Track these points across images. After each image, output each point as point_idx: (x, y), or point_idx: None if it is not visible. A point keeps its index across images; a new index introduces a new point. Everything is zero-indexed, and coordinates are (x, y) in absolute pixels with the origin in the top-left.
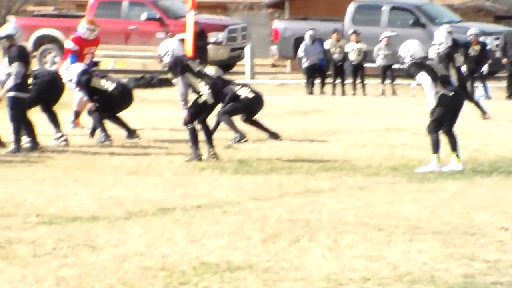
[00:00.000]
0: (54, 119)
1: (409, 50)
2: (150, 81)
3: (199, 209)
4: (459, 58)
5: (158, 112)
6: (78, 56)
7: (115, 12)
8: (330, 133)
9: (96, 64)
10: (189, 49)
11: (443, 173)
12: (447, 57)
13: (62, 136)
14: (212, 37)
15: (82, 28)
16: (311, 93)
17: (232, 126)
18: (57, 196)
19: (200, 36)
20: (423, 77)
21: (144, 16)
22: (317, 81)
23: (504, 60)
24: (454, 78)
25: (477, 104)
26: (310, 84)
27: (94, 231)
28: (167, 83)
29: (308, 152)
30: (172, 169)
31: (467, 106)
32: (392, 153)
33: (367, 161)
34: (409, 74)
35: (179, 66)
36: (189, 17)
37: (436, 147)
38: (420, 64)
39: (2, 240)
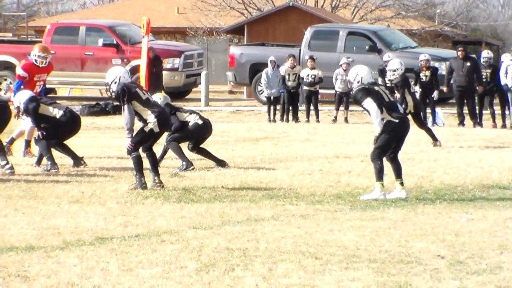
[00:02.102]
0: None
1: (357, 75)
2: (105, 108)
3: (137, 238)
4: (413, 84)
5: (110, 139)
6: (27, 83)
7: (72, 38)
8: (279, 160)
9: (50, 91)
10: (142, 75)
11: (387, 200)
12: (403, 84)
13: (7, 164)
14: (167, 63)
15: (34, 54)
16: (273, 121)
17: (180, 154)
18: None
19: (155, 62)
20: (369, 103)
21: (100, 42)
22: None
23: (445, 89)
24: (410, 104)
25: (428, 131)
26: (271, 112)
27: (28, 261)
28: (121, 110)
29: (254, 179)
30: (116, 198)
31: (418, 132)
32: (338, 180)
33: (312, 189)
34: (356, 100)
35: (126, 93)
36: (143, 43)
37: (379, 175)
38: (367, 90)
39: None
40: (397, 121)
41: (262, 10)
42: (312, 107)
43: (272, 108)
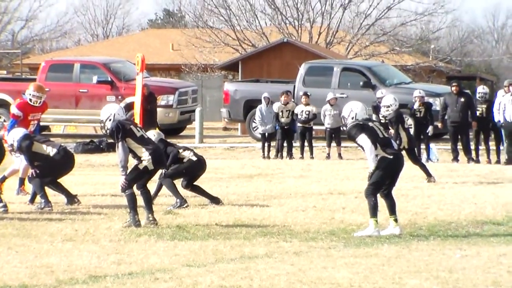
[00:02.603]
0: None
1: (352, 111)
2: (99, 145)
3: (130, 276)
4: (407, 120)
5: (104, 177)
6: (21, 122)
7: (66, 75)
8: (273, 197)
9: (44, 128)
10: (137, 112)
11: (381, 237)
12: (397, 120)
13: (0, 202)
14: (162, 100)
15: (29, 93)
16: (267, 157)
17: (174, 191)
18: None
19: (150, 99)
20: (363, 139)
21: (95, 79)
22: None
23: (439, 125)
24: (404, 140)
25: (423, 167)
26: (266, 149)
27: None
28: (115, 147)
29: (248, 216)
30: (109, 236)
31: (412, 168)
32: (332, 217)
33: (306, 226)
34: (350, 136)
35: (121, 131)
36: (138, 80)
37: (374, 211)
38: (362, 126)
39: None
40: (391, 157)
41: (256, 46)
42: (306, 143)
43: (266, 144)
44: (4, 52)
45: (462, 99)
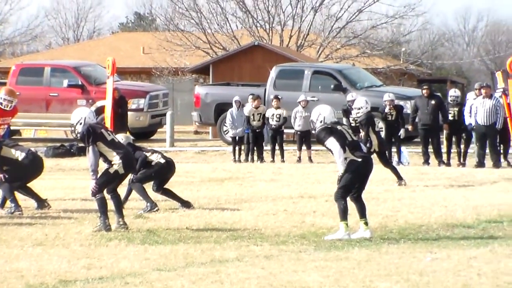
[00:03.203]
0: None
1: (320, 114)
2: (69, 149)
3: (100, 281)
4: (378, 123)
5: (74, 181)
6: None
7: (37, 78)
8: (243, 201)
9: (14, 133)
10: (108, 116)
11: (351, 240)
12: (368, 122)
13: None
14: (132, 103)
15: (0, 98)
16: (238, 161)
17: (144, 195)
18: None
19: (120, 102)
20: (331, 143)
21: (65, 82)
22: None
23: (410, 127)
24: (374, 143)
25: (393, 170)
26: (236, 152)
27: None
28: (86, 151)
29: (219, 220)
30: (79, 240)
31: (383, 171)
32: (302, 220)
33: (276, 229)
34: (319, 139)
35: (91, 135)
36: (108, 83)
37: (343, 214)
38: (330, 130)
39: None
40: (360, 160)
41: (227, 50)
42: (277, 147)
43: (237, 148)
44: None
45: (433, 102)
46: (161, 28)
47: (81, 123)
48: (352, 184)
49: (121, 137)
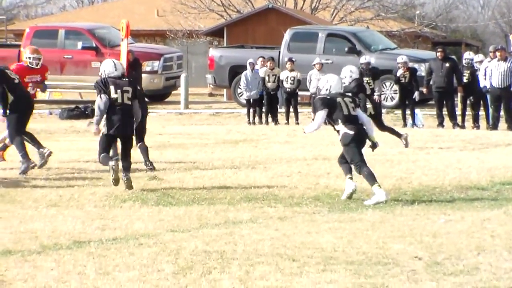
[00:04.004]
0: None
1: (327, 82)
2: (84, 111)
3: (114, 242)
4: (370, 86)
5: (89, 143)
6: None
7: (51, 41)
8: (258, 163)
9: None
10: None
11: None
12: (359, 90)
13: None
14: (147, 66)
15: (28, 57)
16: (253, 123)
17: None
18: None
19: (135, 65)
20: (318, 115)
21: (80, 45)
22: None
23: (424, 90)
24: (369, 107)
25: (391, 130)
26: (251, 114)
27: (5, 265)
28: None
29: (233, 182)
30: (94, 201)
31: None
32: (316, 182)
33: (290, 191)
34: (314, 106)
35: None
36: (123, 46)
37: (372, 178)
38: (327, 102)
39: None
40: (352, 132)
41: (241, 12)
42: (291, 109)
43: (251, 110)
44: None
45: (447, 65)
46: None
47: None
48: (358, 152)
49: None
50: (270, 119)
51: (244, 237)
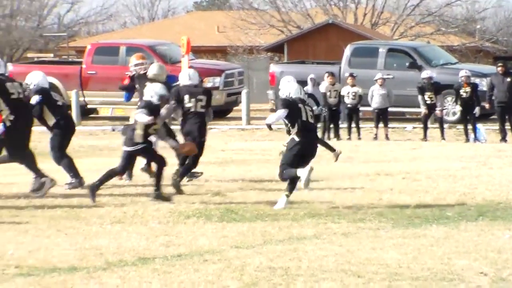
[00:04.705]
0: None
1: (287, 90)
2: None
3: (179, 258)
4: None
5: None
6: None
7: (112, 57)
8: (320, 178)
9: (91, 111)
10: None
11: (429, 217)
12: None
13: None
14: (208, 82)
15: (133, 64)
16: None
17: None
18: (38, 247)
19: None
20: (278, 111)
21: None
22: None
23: (487, 106)
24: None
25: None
26: None
27: (71, 282)
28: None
29: (296, 198)
30: (158, 218)
31: (460, 149)
32: (379, 198)
33: (353, 207)
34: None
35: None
36: (184, 62)
37: (288, 187)
38: (289, 103)
39: None
40: (298, 140)
41: (301, 28)
42: (353, 124)
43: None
44: (51, 36)
45: (509, 79)
46: (235, 6)
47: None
48: (292, 163)
49: None
50: (332, 135)
51: (308, 253)
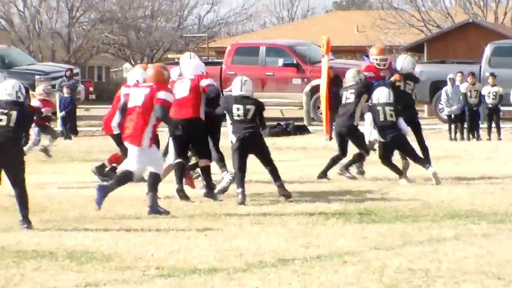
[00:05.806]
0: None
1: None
2: (286, 128)
3: (318, 260)
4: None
5: (291, 161)
6: None
7: (252, 58)
8: (460, 179)
9: None
10: (323, 95)
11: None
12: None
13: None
14: None
15: (375, 58)
16: (454, 139)
17: None
18: (178, 248)
19: (336, 81)
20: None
21: (281, 62)
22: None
23: None
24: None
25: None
26: (452, 130)
27: (211, 283)
28: (302, 130)
29: (435, 199)
30: (297, 219)
31: None
32: None
33: (494, 208)
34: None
35: None
36: (323, 62)
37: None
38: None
39: None
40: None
41: (441, 27)
42: (493, 124)
43: (453, 126)
44: (191, 36)
45: None
46: (374, 6)
47: None
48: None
49: None
50: (471, 135)
51: (448, 254)
